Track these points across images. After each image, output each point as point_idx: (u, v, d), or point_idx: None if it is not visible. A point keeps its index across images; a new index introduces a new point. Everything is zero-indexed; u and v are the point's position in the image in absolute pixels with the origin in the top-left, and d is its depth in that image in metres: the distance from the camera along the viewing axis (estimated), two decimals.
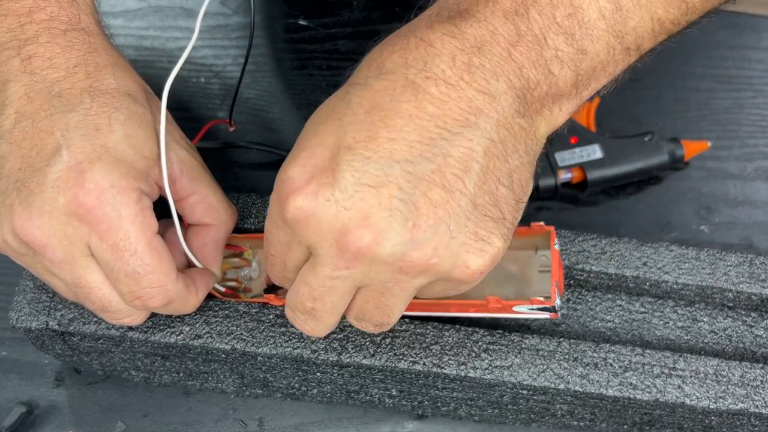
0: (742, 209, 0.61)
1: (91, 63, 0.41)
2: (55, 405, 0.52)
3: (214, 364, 0.49)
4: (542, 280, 0.48)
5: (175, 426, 0.52)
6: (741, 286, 0.50)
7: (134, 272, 0.39)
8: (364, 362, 0.45)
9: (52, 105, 0.39)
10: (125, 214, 0.38)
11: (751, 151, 0.63)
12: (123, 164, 0.39)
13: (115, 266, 0.39)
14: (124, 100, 0.41)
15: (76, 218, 0.38)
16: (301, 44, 0.67)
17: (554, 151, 0.59)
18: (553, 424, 0.51)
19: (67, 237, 0.38)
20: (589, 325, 0.51)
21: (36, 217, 0.38)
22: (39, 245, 0.38)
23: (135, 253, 0.39)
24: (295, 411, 0.52)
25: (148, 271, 0.39)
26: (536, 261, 0.49)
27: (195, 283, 0.44)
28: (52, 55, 0.40)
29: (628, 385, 0.45)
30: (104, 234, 0.38)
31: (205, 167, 0.45)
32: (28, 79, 0.40)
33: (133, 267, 0.39)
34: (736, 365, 0.46)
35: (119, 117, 0.40)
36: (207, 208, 0.44)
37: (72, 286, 0.41)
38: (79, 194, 0.37)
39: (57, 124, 0.39)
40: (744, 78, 0.67)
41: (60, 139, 0.38)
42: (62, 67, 0.40)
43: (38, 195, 0.38)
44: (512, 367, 0.45)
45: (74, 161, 0.38)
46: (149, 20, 0.67)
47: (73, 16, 0.42)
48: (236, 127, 0.58)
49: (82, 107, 0.39)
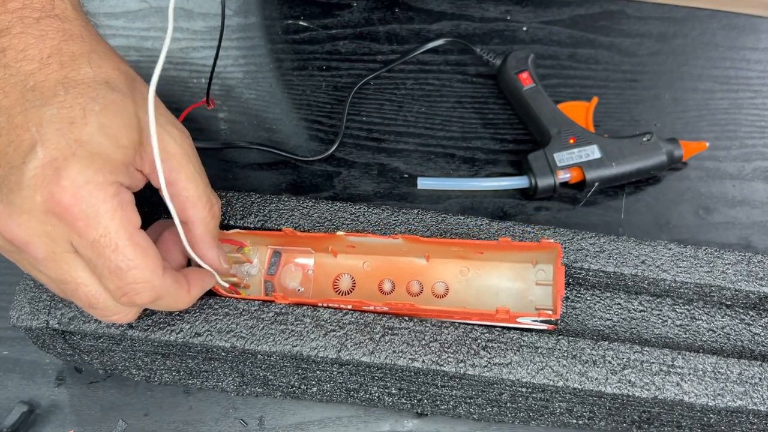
0: (740, 209, 0.61)
1: (66, 52, 0.40)
2: (57, 404, 0.52)
3: (214, 363, 0.49)
4: (539, 293, 0.49)
5: (176, 425, 0.52)
6: (739, 285, 0.50)
7: (117, 268, 0.38)
8: (363, 359, 0.45)
9: (26, 99, 0.38)
10: (103, 210, 0.37)
11: (749, 151, 0.64)
12: (98, 158, 0.38)
13: (98, 263, 0.38)
14: (100, 89, 0.39)
15: (54, 216, 0.37)
16: (301, 45, 0.67)
17: (553, 151, 0.59)
18: (552, 422, 0.51)
19: (48, 235, 0.38)
20: (588, 324, 0.51)
21: (16, 216, 0.37)
22: (21, 243, 0.38)
23: (116, 249, 0.38)
24: (295, 410, 0.52)
25: (131, 267, 0.38)
26: (534, 274, 0.50)
27: (188, 280, 0.43)
28: (25, 46, 0.39)
29: (627, 383, 0.45)
30: (83, 231, 0.37)
31: (192, 156, 0.43)
32: (3, 72, 0.39)
33: (116, 263, 0.38)
34: (735, 363, 0.46)
35: (94, 107, 0.38)
36: (185, 203, 0.42)
37: (58, 283, 0.40)
38: (55, 192, 0.37)
39: (32, 119, 0.38)
40: (742, 78, 0.67)
41: (35, 134, 0.37)
42: (36, 58, 0.39)
43: (17, 193, 0.37)
44: (511, 365, 0.45)
45: (49, 158, 0.37)
46: (150, 21, 0.68)
47: (47, 2, 0.41)
48: (214, 105, 0.58)
49: (57, 100, 0.38)
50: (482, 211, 0.60)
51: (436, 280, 0.51)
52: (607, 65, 0.67)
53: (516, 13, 0.70)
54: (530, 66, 0.63)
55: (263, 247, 0.51)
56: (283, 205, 0.52)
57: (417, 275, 0.51)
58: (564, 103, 0.63)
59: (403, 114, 0.64)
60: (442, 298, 0.50)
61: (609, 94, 0.66)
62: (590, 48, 0.68)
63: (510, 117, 0.65)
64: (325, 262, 0.51)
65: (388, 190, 0.60)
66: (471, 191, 0.60)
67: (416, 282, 0.50)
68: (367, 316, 0.47)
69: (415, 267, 0.51)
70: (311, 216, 0.51)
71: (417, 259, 0.51)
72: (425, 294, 0.50)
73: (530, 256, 0.49)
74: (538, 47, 0.68)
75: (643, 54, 0.68)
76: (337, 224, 0.51)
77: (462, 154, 0.62)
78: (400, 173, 0.61)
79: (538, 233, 0.51)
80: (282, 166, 0.61)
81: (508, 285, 0.50)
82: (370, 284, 0.50)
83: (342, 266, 0.51)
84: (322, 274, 0.51)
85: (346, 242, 0.49)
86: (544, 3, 0.71)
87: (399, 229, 0.51)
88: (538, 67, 0.65)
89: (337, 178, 0.61)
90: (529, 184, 0.59)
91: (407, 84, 0.66)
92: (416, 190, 0.60)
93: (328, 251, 0.51)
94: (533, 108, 0.61)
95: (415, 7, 0.70)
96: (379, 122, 0.64)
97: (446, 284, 0.50)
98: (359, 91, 0.65)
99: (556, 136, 0.60)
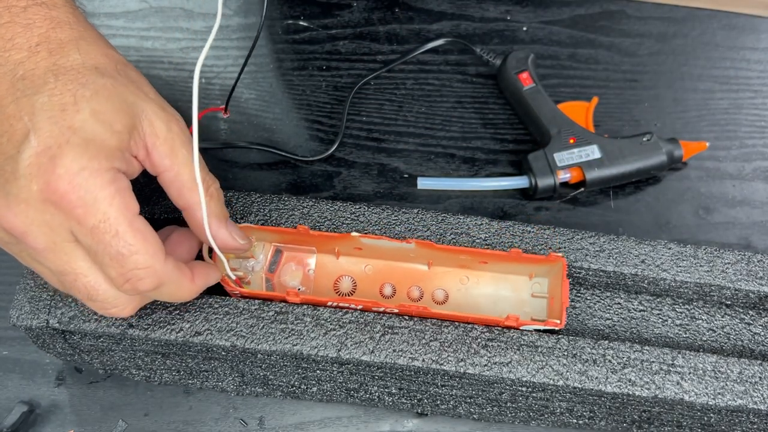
0: (740, 209, 0.61)
1: (54, 40, 0.40)
2: (57, 404, 0.52)
3: (214, 362, 0.49)
4: (535, 305, 0.50)
5: (176, 425, 0.52)
6: (739, 284, 0.50)
7: (118, 254, 0.38)
8: (363, 359, 0.45)
9: (17, 89, 0.38)
10: (101, 197, 0.37)
11: (749, 151, 0.64)
12: (93, 144, 0.37)
13: (98, 250, 0.38)
14: (90, 75, 0.39)
15: (51, 205, 0.37)
16: (301, 45, 0.67)
17: (553, 151, 0.59)
18: (552, 422, 0.51)
19: (47, 224, 0.38)
20: (588, 323, 0.51)
21: (14, 206, 0.37)
22: (19, 233, 0.38)
23: (117, 235, 0.38)
24: (296, 410, 0.52)
25: (133, 252, 0.38)
26: (530, 287, 0.50)
27: (192, 271, 0.43)
28: (13, 35, 0.39)
29: (627, 382, 0.45)
30: (82, 219, 0.37)
31: (185, 140, 0.42)
32: None
33: (117, 249, 0.38)
34: (735, 362, 0.46)
35: (85, 93, 0.38)
36: (181, 188, 0.42)
37: (57, 275, 0.40)
38: (51, 181, 0.36)
39: (24, 108, 0.38)
40: (742, 78, 0.67)
41: (28, 123, 0.37)
42: (24, 47, 0.39)
43: (14, 183, 0.37)
44: (511, 364, 0.45)
45: (43, 146, 0.37)
46: (150, 21, 0.68)
47: None
48: (229, 113, 0.58)
49: (47, 88, 0.38)
50: (482, 211, 0.60)
51: (437, 287, 0.51)
52: (607, 65, 0.67)
53: (516, 13, 0.70)
54: (530, 66, 0.63)
55: (267, 244, 0.51)
56: (283, 205, 0.52)
57: (418, 281, 0.51)
58: (564, 103, 0.63)
59: (403, 114, 0.64)
60: (441, 304, 0.50)
61: (609, 94, 0.66)
62: (590, 48, 0.68)
63: (510, 117, 0.65)
64: (326, 263, 0.51)
65: (388, 190, 0.60)
66: (471, 191, 0.60)
67: (416, 288, 0.51)
68: (368, 315, 0.47)
69: (417, 273, 0.51)
70: (311, 216, 0.51)
71: (419, 265, 0.51)
72: (425, 300, 0.50)
73: (529, 269, 0.50)
74: (538, 47, 0.68)
75: (643, 54, 0.68)
76: (337, 224, 0.51)
77: (462, 154, 0.62)
78: (400, 173, 0.61)
79: (538, 233, 0.51)
80: (282, 166, 0.61)
81: (505, 295, 0.50)
82: (370, 287, 0.50)
83: (343, 268, 0.51)
84: (322, 275, 0.51)
85: (354, 244, 0.49)
86: (544, 3, 0.71)
87: (399, 228, 0.51)
88: (538, 67, 0.65)
89: (337, 178, 0.61)
90: (529, 184, 0.59)
91: (407, 84, 0.66)
92: (416, 190, 0.60)
93: (332, 252, 0.51)
94: (533, 108, 0.61)
95: (415, 7, 0.70)
96: (379, 122, 0.64)
97: (446, 291, 0.51)
98: (359, 91, 0.65)
99: (556, 136, 0.60)
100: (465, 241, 0.50)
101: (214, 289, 0.51)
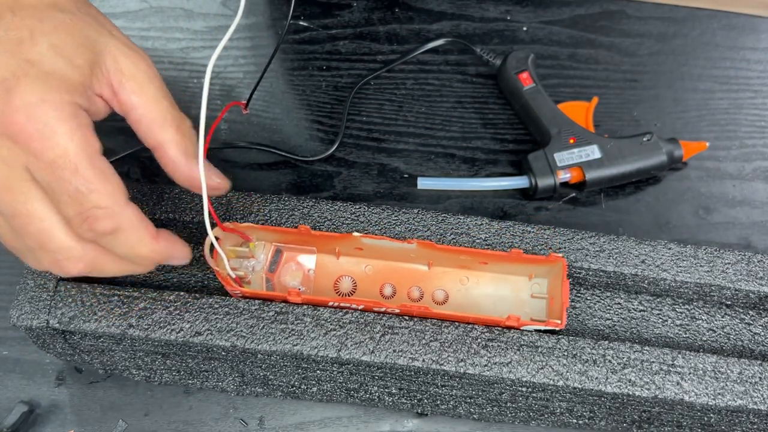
0: (740, 209, 0.61)
1: None
2: (57, 404, 0.52)
3: (215, 362, 0.49)
4: (534, 305, 0.50)
5: (176, 425, 0.52)
6: (739, 284, 0.50)
7: (77, 191, 0.36)
8: (363, 359, 0.45)
9: None
10: (61, 130, 0.36)
11: (749, 151, 0.64)
12: (53, 77, 0.36)
13: (56, 187, 0.36)
14: (48, 11, 0.38)
15: (8, 139, 0.36)
16: (301, 45, 0.67)
17: (553, 151, 0.59)
18: (552, 422, 0.51)
19: (2, 160, 0.36)
20: (588, 323, 0.51)
21: None
22: None
23: (76, 171, 0.36)
24: (296, 410, 0.52)
25: (92, 190, 0.37)
26: (530, 287, 0.50)
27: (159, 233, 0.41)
28: None
29: (627, 382, 0.45)
30: (39, 152, 0.36)
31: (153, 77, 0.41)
32: None
33: (75, 186, 0.36)
34: (735, 362, 0.46)
35: (43, 28, 0.37)
36: (150, 125, 0.40)
37: (10, 218, 0.38)
38: (7, 113, 0.35)
39: None
40: (742, 78, 0.67)
41: None
42: None
43: None
44: (511, 364, 0.45)
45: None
46: (150, 21, 0.68)
47: None
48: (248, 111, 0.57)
49: (3, 23, 0.37)
50: (482, 211, 0.60)
51: (437, 287, 0.51)
52: (607, 65, 0.67)
53: (516, 13, 0.70)
54: (530, 66, 0.63)
55: (268, 244, 0.51)
56: (284, 205, 0.52)
57: (418, 281, 0.51)
58: (564, 103, 0.63)
59: (403, 114, 0.64)
60: (441, 305, 0.50)
61: (609, 94, 0.66)
62: (590, 48, 0.68)
63: (510, 117, 0.65)
64: (326, 263, 0.51)
65: (388, 190, 0.60)
66: (471, 191, 0.60)
67: (417, 288, 0.51)
68: (368, 316, 0.47)
69: (417, 273, 0.51)
70: (311, 216, 0.51)
71: (419, 265, 0.51)
72: (425, 300, 0.50)
73: (528, 269, 0.50)
74: (538, 47, 0.68)
75: (643, 54, 0.68)
76: (338, 224, 0.51)
77: (462, 154, 0.62)
78: (400, 173, 0.61)
79: (538, 233, 0.51)
80: (282, 166, 0.61)
81: (505, 295, 0.50)
82: (371, 288, 0.50)
83: (344, 268, 0.51)
84: (322, 275, 0.51)
85: (354, 244, 0.49)
86: (544, 3, 0.71)
87: (399, 228, 0.51)
88: (538, 67, 0.65)
89: (337, 178, 0.61)
90: (529, 184, 0.59)
91: (407, 84, 0.66)
92: (416, 190, 0.60)
93: (333, 252, 0.51)
94: (533, 108, 0.61)
95: (415, 7, 0.70)
96: (379, 122, 0.64)
97: (446, 292, 0.51)
98: (359, 91, 0.65)
99: (556, 136, 0.60)
100: (465, 241, 0.51)
101: (214, 290, 0.51)
